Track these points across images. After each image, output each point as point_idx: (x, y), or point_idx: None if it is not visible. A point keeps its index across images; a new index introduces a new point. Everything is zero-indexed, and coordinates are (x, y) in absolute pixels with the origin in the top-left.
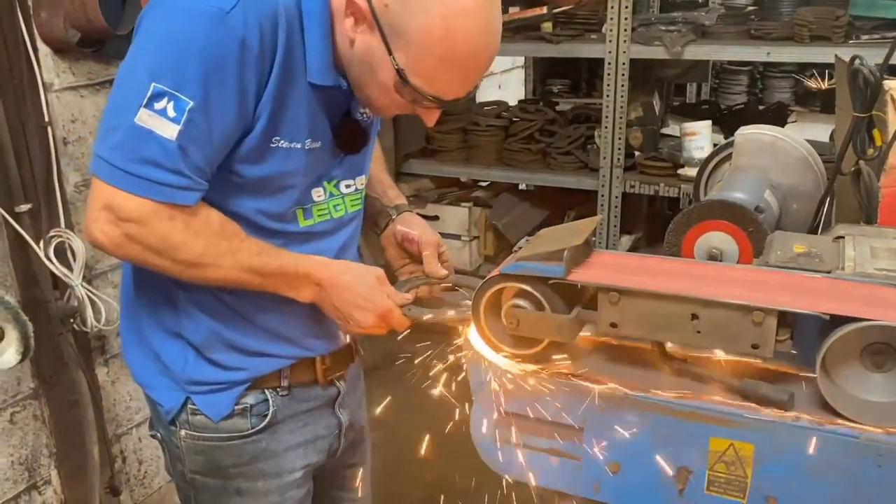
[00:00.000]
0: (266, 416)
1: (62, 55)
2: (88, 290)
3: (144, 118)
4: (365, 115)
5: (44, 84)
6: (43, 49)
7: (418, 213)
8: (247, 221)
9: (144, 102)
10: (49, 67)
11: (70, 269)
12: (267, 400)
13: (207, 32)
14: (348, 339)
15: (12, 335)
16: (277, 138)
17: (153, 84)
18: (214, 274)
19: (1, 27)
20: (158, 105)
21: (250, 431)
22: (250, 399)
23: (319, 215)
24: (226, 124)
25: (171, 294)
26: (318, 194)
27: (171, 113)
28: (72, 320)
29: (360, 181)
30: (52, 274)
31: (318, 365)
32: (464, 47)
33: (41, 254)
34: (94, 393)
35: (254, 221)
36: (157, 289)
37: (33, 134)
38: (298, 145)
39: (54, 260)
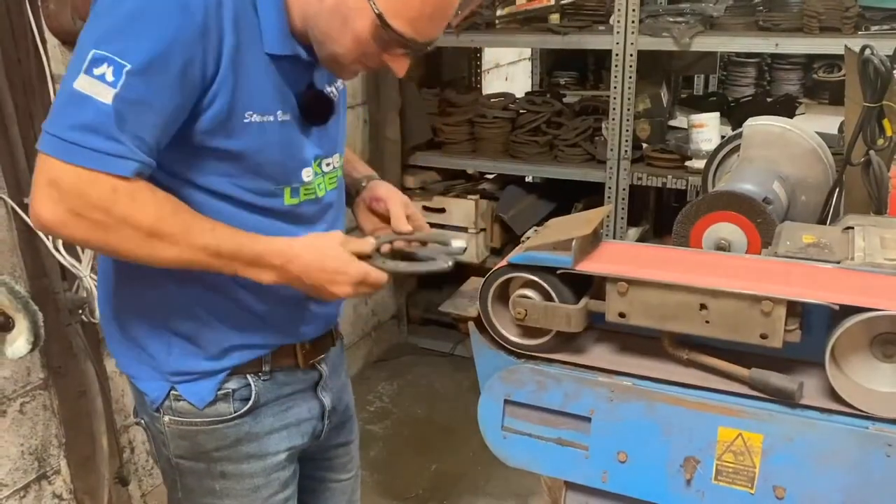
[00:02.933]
0: (248, 400)
1: (70, 47)
2: (97, 281)
3: (83, 84)
4: (331, 90)
5: (52, 75)
6: (51, 40)
7: (424, 206)
8: (230, 199)
9: (84, 68)
10: (57, 58)
11: (78, 260)
12: (249, 385)
13: (157, 8)
14: (332, 324)
15: (23, 324)
16: (250, 112)
17: (94, 50)
18: (167, 253)
19: (9, 18)
20: (98, 70)
21: (233, 415)
22: (232, 384)
23: (306, 194)
24: (166, 92)
25: (157, 283)
26: (307, 174)
27: (109, 77)
28: (80, 311)
29: (336, 159)
30: (61, 265)
31: (298, 350)
32: None
33: (50, 245)
34: (102, 383)
35: (237, 197)
36: (140, 280)
37: (42, 125)
38: (271, 118)
39: (63, 251)
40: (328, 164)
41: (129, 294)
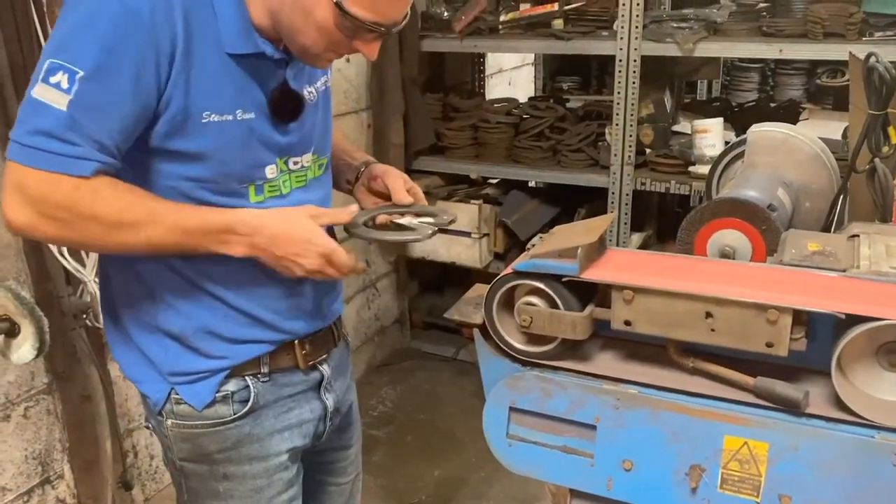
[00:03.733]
0: (248, 401)
1: None
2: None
3: (40, 92)
4: (310, 90)
5: None
6: None
7: None
8: (196, 201)
9: (41, 77)
10: None
11: (83, 264)
12: (248, 386)
13: (104, 8)
14: (330, 321)
15: (29, 330)
16: (208, 112)
17: (49, 59)
18: (136, 239)
19: (14, 23)
20: (54, 79)
21: (232, 417)
22: (231, 386)
23: (270, 191)
24: (121, 93)
25: (147, 286)
26: (271, 171)
27: (63, 84)
28: (84, 316)
29: (307, 158)
30: (66, 270)
31: (297, 350)
32: None
33: (54, 250)
34: (106, 388)
35: (203, 199)
36: (131, 283)
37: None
38: (230, 117)
39: (67, 256)
40: (296, 163)
41: (122, 294)
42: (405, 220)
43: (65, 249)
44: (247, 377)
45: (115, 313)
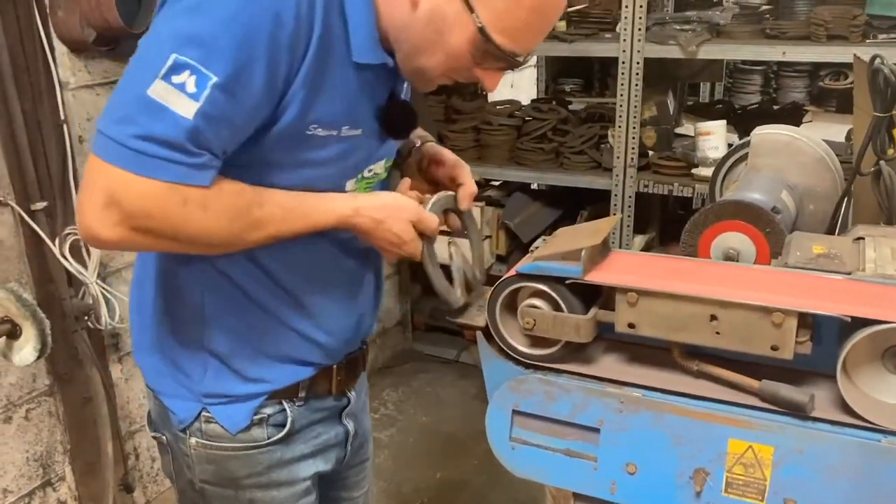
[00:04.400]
0: (283, 426)
1: (78, 54)
2: (103, 287)
3: (159, 91)
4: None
5: (60, 82)
6: (59, 48)
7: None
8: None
9: (162, 73)
10: (65, 66)
11: (85, 266)
12: (284, 410)
13: (242, 5)
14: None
15: (30, 332)
16: (315, 125)
17: (174, 55)
18: (236, 249)
19: (18, 26)
20: (177, 78)
21: (266, 442)
22: (268, 409)
23: None
24: (250, 106)
25: (196, 301)
26: (350, 185)
27: (190, 88)
28: (86, 318)
29: (381, 165)
30: (67, 271)
31: (333, 376)
32: None
33: (56, 251)
34: (107, 390)
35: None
36: (181, 294)
37: (49, 132)
38: (335, 132)
39: (69, 257)
40: (370, 171)
41: (166, 305)
42: (454, 258)
43: (66, 251)
44: (283, 401)
45: (152, 323)
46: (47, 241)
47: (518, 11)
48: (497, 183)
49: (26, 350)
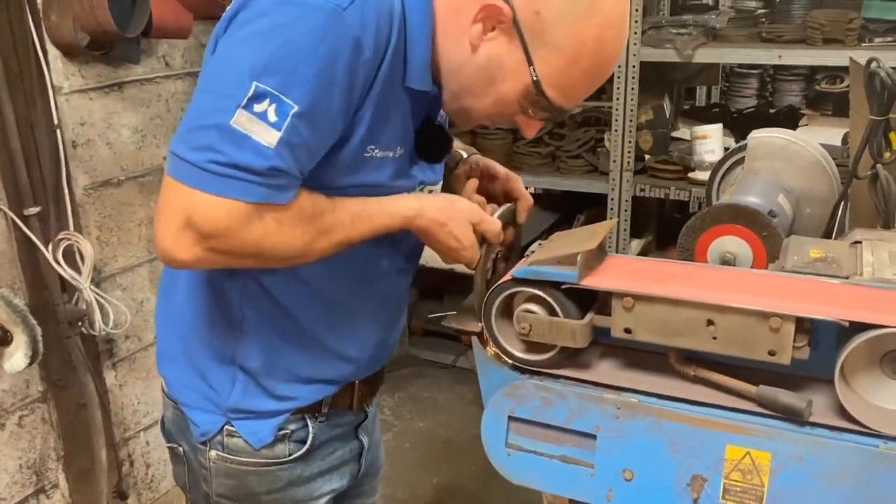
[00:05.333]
0: (305, 442)
1: (71, 58)
2: (97, 293)
3: (242, 121)
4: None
5: (53, 87)
6: (52, 52)
7: None
8: None
9: (244, 103)
10: (58, 70)
11: (78, 272)
12: (307, 426)
13: (322, 30)
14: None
15: (21, 339)
16: (373, 147)
17: (255, 83)
18: (305, 260)
19: (11, 30)
20: (259, 107)
21: (288, 458)
22: (292, 425)
23: None
24: (327, 130)
25: (235, 315)
26: None
27: (272, 117)
28: (80, 323)
29: (438, 188)
30: (61, 277)
31: (356, 391)
32: (609, 58)
33: (49, 257)
34: (102, 396)
35: None
36: (217, 309)
37: (42, 137)
38: (390, 154)
39: (63, 263)
40: (430, 191)
41: (201, 318)
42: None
43: (60, 256)
44: (306, 416)
45: (183, 334)
46: (40, 246)
47: (574, 71)
48: None
49: (17, 357)
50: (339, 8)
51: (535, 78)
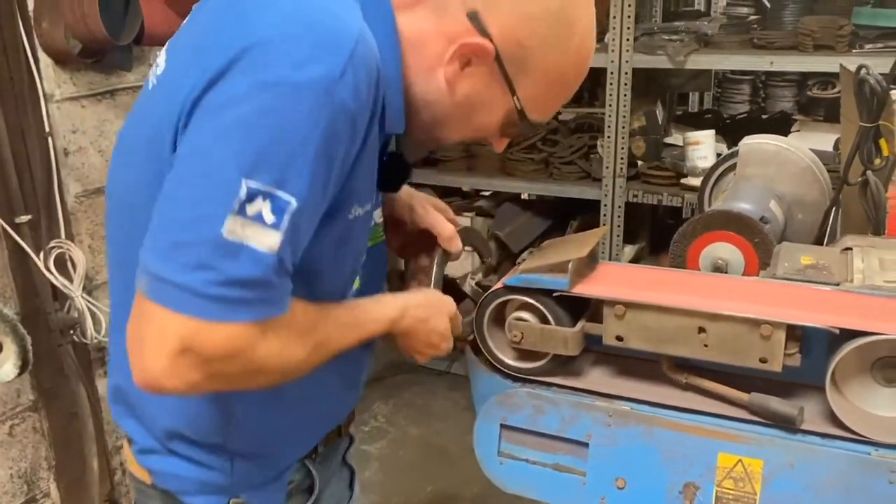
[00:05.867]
0: (312, 491)
1: (63, 65)
2: (88, 301)
3: (235, 229)
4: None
5: (44, 94)
6: (44, 59)
7: None
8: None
9: (235, 208)
10: (50, 78)
11: (70, 280)
12: (310, 471)
13: (315, 111)
14: None
15: (10, 348)
16: (355, 206)
17: (245, 183)
18: (301, 374)
19: (2, 37)
20: (252, 209)
21: None
22: (297, 476)
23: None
24: (318, 214)
25: (224, 406)
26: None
27: (268, 218)
28: (72, 332)
29: (378, 213)
30: (52, 285)
31: (343, 424)
32: (586, 70)
33: (41, 265)
34: (93, 405)
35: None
36: (208, 399)
37: (34, 144)
38: (368, 206)
39: (54, 271)
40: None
41: (186, 410)
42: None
43: (51, 264)
44: (306, 461)
45: (164, 426)
46: (32, 254)
47: (556, 91)
48: (487, 193)
49: (6, 366)
50: (331, 82)
51: (518, 107)
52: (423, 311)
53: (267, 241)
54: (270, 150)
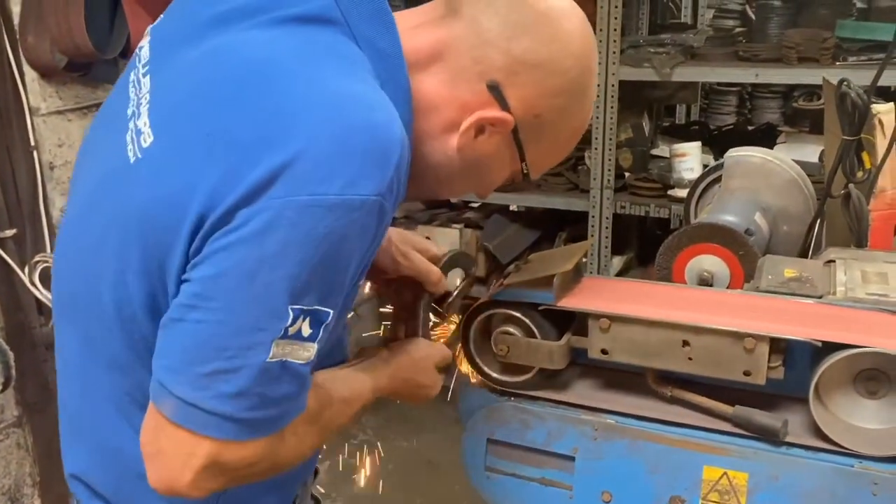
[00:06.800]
0: None
1: (49, 79)
2: None
3: (279, 352)
4: None
5: (30, 108)
6: (29, 73)
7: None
8: None
9: (280, 334)
10: (35, 91)
11: None
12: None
13: (367, 229)
14: None
15: None
16: (362, 278)
17: (289, 308)
18: (312, 454)
19: None
20: (293, 329)
21: None
22: None
23: None
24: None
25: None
26: None
27: (306, 331)
28: None
29: None
30: (37, 300)
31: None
32: (584, 129)
33: (26, 279)
34: None
35: None
36: None
37: (19, 158)
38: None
39: (39, 285)
40: None
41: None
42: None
43: (36, 279)
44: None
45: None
46: (16, 269)
47: (561, 151)
48: (476, 205)
49: None
50: (379, 196)
51: (525, 171)
52: (409, 372)
53: (305, 354)
54: (319, 275)
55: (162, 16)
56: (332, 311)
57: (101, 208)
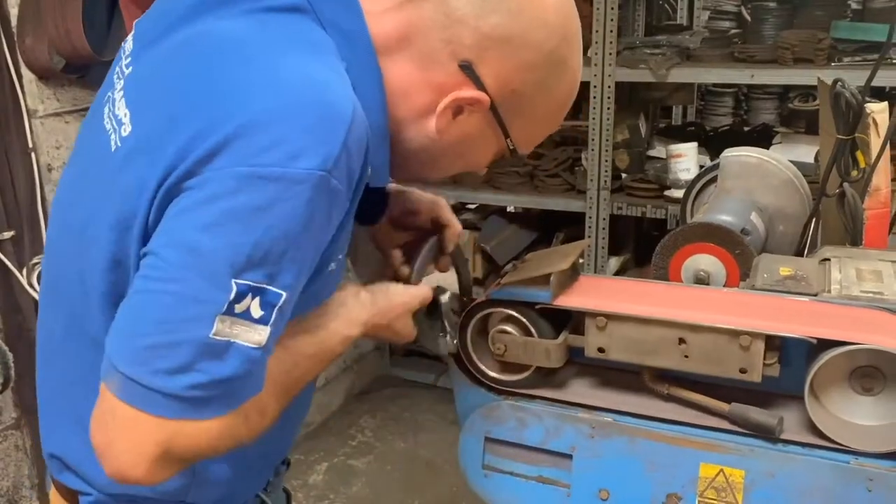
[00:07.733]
0: None
1: (47, 81)
2: None
3: (223, 329)
4: None
5: (28, 110)
6: (27, 75)
7: None
8: None
9: (224, 308)
10: (33, 94)
11: None
12: (263, 501)
13: (310, 206)
14: None
15: None
16: (332, 263)
17: (233, 282)
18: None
19: None
20: (240, 306)
21: None
22: None
23: None
24: (302, 287)
25: (188, 470)
26: None
27: (256, 313)
28: None
29: None
30: (35, 301)
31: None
32: (571, 102)
33: (24, 281)
34: None
35: None
36: None
37: (17, 160)
38: (341, 255)
39: (37, 287)
40: None
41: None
42: (442, 303)
43: (35, 281)
44: (260, 493)
45: (115, 488)
46: (14, 271)
47: (546, 126)
48: (473, 206)
49: None
50: (326, 172)
51: (511, 147)
52: (386, 318)
53: (255, 337)
54: (264, 249)
55: (148, 10)
56: (283, 294)
57: (84, 196)
